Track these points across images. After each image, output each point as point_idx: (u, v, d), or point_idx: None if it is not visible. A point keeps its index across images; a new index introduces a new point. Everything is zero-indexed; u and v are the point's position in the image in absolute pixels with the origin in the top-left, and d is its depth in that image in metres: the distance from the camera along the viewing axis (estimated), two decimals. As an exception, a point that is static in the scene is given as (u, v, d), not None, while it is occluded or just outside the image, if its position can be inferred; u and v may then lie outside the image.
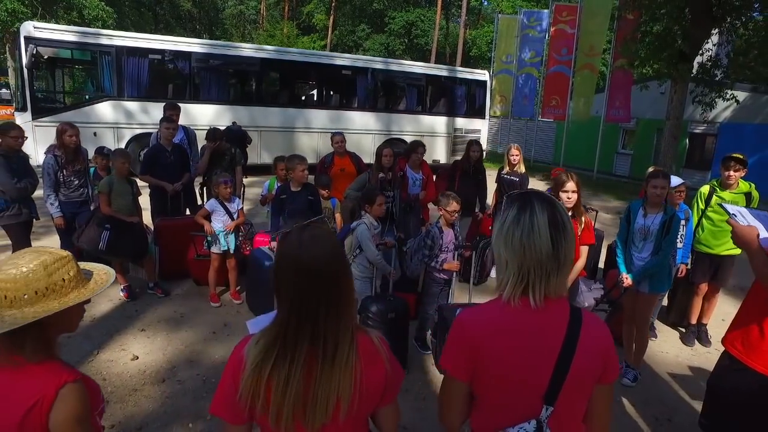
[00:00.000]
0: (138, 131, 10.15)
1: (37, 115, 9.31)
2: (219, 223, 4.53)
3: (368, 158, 12.90)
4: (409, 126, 13.17)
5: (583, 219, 3.55)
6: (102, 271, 1.45)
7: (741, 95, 13.50)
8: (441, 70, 14.02)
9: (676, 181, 4.65)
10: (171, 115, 5.57)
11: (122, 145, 10.01)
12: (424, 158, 5.45)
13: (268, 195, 5.01)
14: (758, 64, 11.47)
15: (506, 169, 5.79)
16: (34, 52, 8.97)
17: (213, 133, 5.40)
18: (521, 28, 16.74)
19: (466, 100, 13.82)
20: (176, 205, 5.23)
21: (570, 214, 3.56)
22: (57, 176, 4.51)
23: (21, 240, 4.43)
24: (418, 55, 36.69)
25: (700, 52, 11.46)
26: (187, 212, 5.44)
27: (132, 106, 10.08)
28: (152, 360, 3.65)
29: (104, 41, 9.72)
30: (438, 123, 13.53)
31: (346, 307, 1.22)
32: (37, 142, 9.45)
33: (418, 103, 13.34)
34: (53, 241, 5.42)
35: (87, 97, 10.03)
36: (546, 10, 17.08)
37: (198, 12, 41.93)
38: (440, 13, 34.66)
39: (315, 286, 1.17)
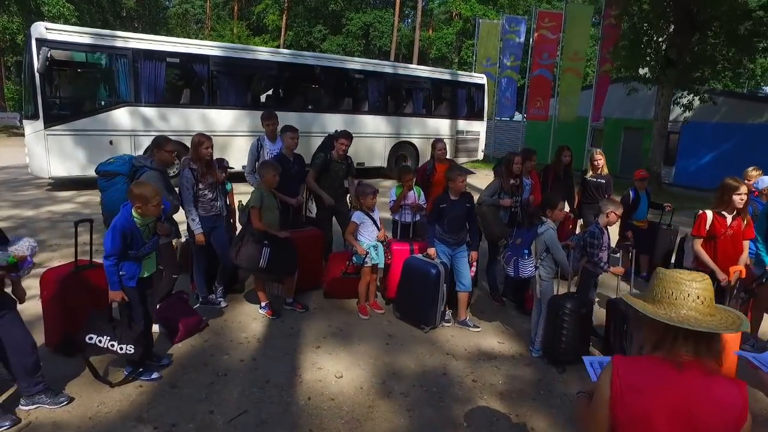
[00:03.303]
0: (156, 139, 9.58)
1: (49, 123, 8.55)
2: (369, 235, 4.51)
3: (380, 161, 13.03)
4: (417, 129, 13.39)
5: (747, 217, 3.97)
6: None
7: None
8: (444, 74, 14.35)
9: (765, 182, 5.22)
10: (271, 125, 5.39)
11: (139, 154, 9.42)
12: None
13: (397, 202, 5.01)
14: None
15: (590, 172, 6.18)
16: (48, 55, 8.22)
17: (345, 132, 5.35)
18: (503, 33, 17.49)
19: (466, 102, 14.24)
20: (297, 217, 5.10)
21: (735, 213, 3.97)
22: (194, 190, 4.27)
23: (169, 259, 4.19)
24: (375, 57, 36.91)
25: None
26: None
27: (150, 112, 9.50)
28: (357, 376, 3.62)
29: (120, 44, 9.09)
30: (442, 125, 13.85)
31: None
32: (50, 153, 8.70)
33: (423, 106, 13.57)
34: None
35: (102, 103, 9.28)
36: (524, 17, 17.98)
37: (138, 10, 39.44)
38: (398, 15, 35.08)
39: None
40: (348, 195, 5.59)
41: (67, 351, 3.52)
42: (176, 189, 4.32)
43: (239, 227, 5.07)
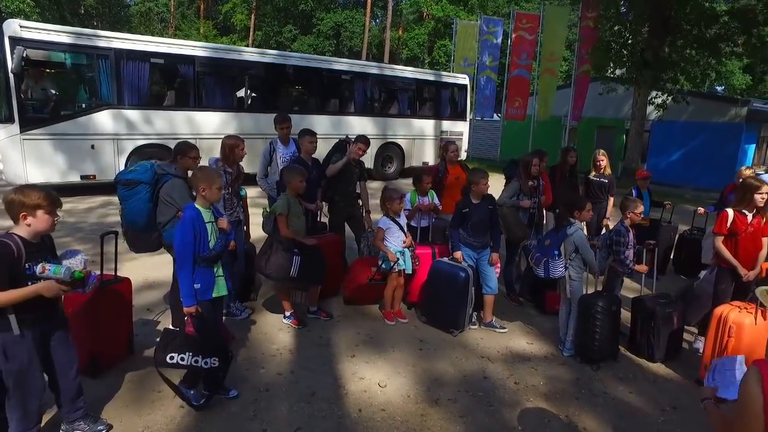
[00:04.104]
0: (141, 142, 9.20)
1: (25, 127, 8.06)
2: (396, 241, 4.44)
3: (367, 162, 12.91)
4: (402, 130, 13.39)
5: (766, 215, 4.13)
6: None
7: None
8: (428, 75, 14.39)
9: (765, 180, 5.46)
10: (286, 128, 5.24)
11: (123, 159, 9.04)
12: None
13: (414, 209, 4.96)
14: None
15: (593, 172, 6.32)
16: (23, 55, 7.75)
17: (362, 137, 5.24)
18: (481, 34, 17.72)
19: (449, 103, 14.33)
20: (315, 222, 4.98)
21: (755, 211, 4.12)
22: (224, 195, 4.10)
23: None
24: (346, 57, 36.72)
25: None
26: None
27: (133, 115, 9.11)
28: (401, 384, 3.56)
29: (102, 43, 8.67)
30: (426, 126, 13.90)
31: None
32: (26, 158, 8.21)
33: (408, 107, 13.58)
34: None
35: (83, 105, 8.81)
36: (501, 19, 18.26)
37: (97, 8, 37.79)
38: (369, 15, 35.02)
39: None
40: (359, 199, 5.52)
41: (93, 373, 3.32)
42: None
43: (250, 234, 4.92)
